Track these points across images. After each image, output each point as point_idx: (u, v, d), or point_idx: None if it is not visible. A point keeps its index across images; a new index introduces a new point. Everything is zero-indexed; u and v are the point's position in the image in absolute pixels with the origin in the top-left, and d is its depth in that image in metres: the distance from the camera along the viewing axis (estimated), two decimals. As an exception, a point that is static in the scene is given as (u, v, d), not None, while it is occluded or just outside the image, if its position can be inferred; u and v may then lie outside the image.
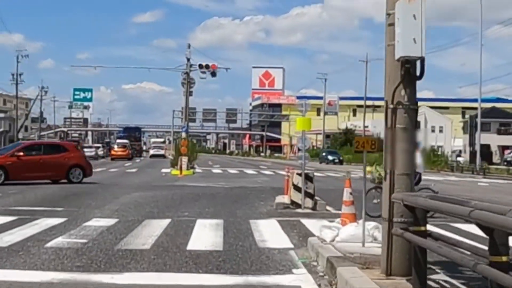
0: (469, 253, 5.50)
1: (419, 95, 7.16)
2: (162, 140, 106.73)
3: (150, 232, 11.13)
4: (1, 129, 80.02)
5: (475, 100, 68.90)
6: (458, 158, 65.36)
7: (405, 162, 6.77)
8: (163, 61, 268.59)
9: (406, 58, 6.63)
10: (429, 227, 6.47)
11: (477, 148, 51.25)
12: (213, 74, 40.43)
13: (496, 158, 70.72)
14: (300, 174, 15.31)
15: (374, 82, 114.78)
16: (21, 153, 23.93)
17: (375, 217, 10.56)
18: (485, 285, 4.95)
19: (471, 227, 11.57)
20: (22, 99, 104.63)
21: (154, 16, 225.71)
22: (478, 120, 50.12)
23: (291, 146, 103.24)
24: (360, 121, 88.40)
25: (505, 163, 60.25)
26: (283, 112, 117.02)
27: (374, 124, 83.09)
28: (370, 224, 8.97)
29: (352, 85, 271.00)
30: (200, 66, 40.13)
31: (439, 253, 5.43)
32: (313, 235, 10.91)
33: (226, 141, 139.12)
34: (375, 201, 13.34)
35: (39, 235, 10.51)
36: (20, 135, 79.58)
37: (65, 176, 24.30)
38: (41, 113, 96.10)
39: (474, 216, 4.46)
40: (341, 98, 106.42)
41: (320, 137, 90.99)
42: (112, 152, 68.05)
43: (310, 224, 12.64)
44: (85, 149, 66.27)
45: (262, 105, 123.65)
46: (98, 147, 78.00)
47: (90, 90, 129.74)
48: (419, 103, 7.14)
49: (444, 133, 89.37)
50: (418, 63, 6.82)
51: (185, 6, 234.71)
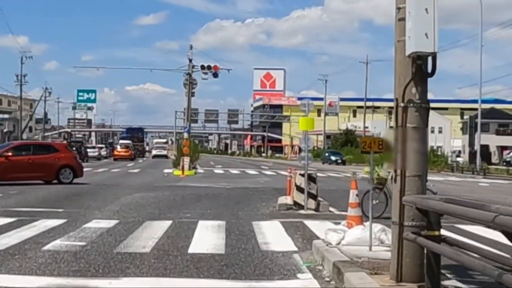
0: (479, 258, 5.11)
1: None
2: (164, 140, 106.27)
3: (151, 234, 10.73)
4: (5, 130, 79.65)
5: (474, 101, 68.53)
6: (457, 159, 64.95)
7: (417, 163, 6.34)
8: (166, 62, 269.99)
9: (417, 54, 6.20)
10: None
11: (477, 148, 50.82)
12: (215, 75, 40.07)
13: (494, 159, 70.39)
14: (303, 175, 14.90)
15: (374, 83, 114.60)
16: (10, 153, 23.17)
17: (374, 218, 10.20)
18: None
19: (479, 229, 11.22)
20: (26, 100, 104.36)
21: (157, 19, 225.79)
22: (478, 120, 49.70)
23: (292, 146, 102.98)
24: (360, 122, 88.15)
25: (504, 164, 59.93)
26: (284, 113, 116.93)
27: (374, 124, 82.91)
28: (377, 227, 8.56)
29: (352, 86, 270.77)
30: (202, 67, 39.82)
31: (457, 261, 5.01)
32: (317, 237, 10.52)
33: (228, 141, 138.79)
34: (373, 202, 12.90)
35: (37, 238, 10.11)
36: (25, 136, 79.24)
37: (55, 176, 23.40)
38: (45, 114, 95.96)
39: (500, 222, 4.01)
40: (342, 99, 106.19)
41: (321, 137, 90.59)
42: (115, 153, 67.66)
43: (314, 225, 12.25)
44: (89, 150, 66.32)
45: (263, 106, 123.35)
46: (101, 148, 77.91)
47: (94, 92, 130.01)
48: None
49: (444, 134, 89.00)
50: (429, 59, 6.41)
51: (188, 8, 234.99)
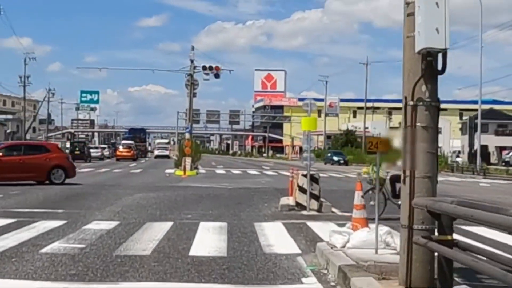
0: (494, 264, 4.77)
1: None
2: (166, 141, 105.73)
3: (151, 236, 10.39)
4: (9, 130, 79.34)
5: (472, 102, 68.20)
6: (457, 159, 64.60)
7: (426, 163, 6.00)
8: (168, 64, 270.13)
9: (428, 50, 5.86)
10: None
11: (478, 149, 50.47)
12: (217, 75, 39.73)
13: (493, 159, 70.01)
14: (305, 175, 14.56)
15: (373, 84, 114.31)
16: (0, 154, 22.62)
17: (372, 219, 9.89)
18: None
19: (483, 230, 10.89)
20: (30, 101, 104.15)
21: (159, 20, 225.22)
22: (478, 121, 49.35)
23: (293, 147, 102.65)
24: (360, 122, 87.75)
25: (503, 164, 59.59)
26: (285, 114, 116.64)
27: (374, 125, 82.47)
28: (383, 229, 8.24)
29: (351, 87, 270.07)
30: (204, 67, 39.49)
31: (475, 269, 4.67)
32: (320, 239, 10.20)
33: (229, 142, 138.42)
34: (371, 202, 12.50)
35: (35, 240, 9.77)
36: (28, 136, 78.96)
37: (46, 177, 22.75)
38: (49, 114, 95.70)
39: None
40: (342, 100, 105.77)
41: (321, 138, 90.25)
42: (117, 153, 67.32)
43: (317, 227, 11.91)
44: (91, 150, 66.03)
45: (264, 107, 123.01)
46: (104, 148, 77.69)
47: (97, 93, 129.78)
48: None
49: (443, 134, 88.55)
50: (439, 56, 6.07)
51: (190, 10, 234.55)
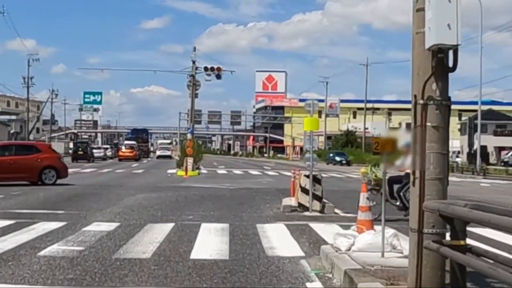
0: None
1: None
2: (169, 141, 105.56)
3: (152, 238, 10.07)
4: (12, 131, 79.06)
5: (471, 103, 67.86)
6: (456, 159, 64.27)
7: (437, 165, 5.68)
8: (170, 65, 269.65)
9: (439, 47, 5.54)
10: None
11: (478, 149, 50.14)
12: (218, 76, 39.41)
13: (492, 159, 69.64)
14: (307, 176, 14.24)
15: (373, 85, 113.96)
16: None
17: (377, 220, 9.61)
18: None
19: (487, 231, 10.57)
20: (34, 102, 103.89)
21: (162, 22, 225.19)
22: (478, 121, 49.01)
23: (294, 147, 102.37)
24: (360, 123, 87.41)
25: (502, 164, 59.26)
26: (286, 114, 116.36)
27: (373, 125, 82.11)
28: (389, 232, 7.93)
29: (351, 88, 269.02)
30: (206, 68, 39.20)
31: (492, 277, 4.35)
32: (323, 241, 9.89)
33: (231, 142, 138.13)
34: (371, 203, 12.20)
35: (33, 242, 9.46)
36: (31, 137, 78.68)
37: (37, 177, 22.32)
38: (52, 115, 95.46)
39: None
40: (342, 101, 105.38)
41: (322, 138, 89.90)
42: (120, 153, 67.00)
43: (319, 228, 11.59)
44: (94, 150, 65.77)
45: (265, 107, 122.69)
46: (107, 148, 77.47)
47: (100, 94, 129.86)
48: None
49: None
50: (450, 53, 5.75)
51: (191, 13, 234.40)
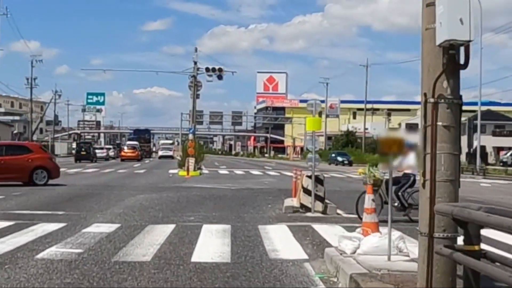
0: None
1: (416, 98, 5.82)
2: (170, 141, 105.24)
3: (153, 240, 9.76)
4: (16, 131, 78.77)
5: (470, 103, 67.30)
6: (455, 159, 63.82)
7: (448, 166, 5.38)
8: (172, 66, 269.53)
9: (450, 43, 5.23)
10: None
11: (478, 149, 49.80)
12: (220, 77, 39.04)
13: (491, 159, 69.28)
14: (310, 177, 13.94)
15: (372, 86, 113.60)
16: None
17: (384, 222, 9.30)
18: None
19: (492, 232, 10.26)
20: (37, 103, 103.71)
21: (164, 24, 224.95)
22: (478, 122, 48.66)
23: (294, 147, 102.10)
24: (360, 124, 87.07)
25: (501, 164, 58.86)
26: (286, 115, 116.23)
27: (373, 126, 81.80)
28: (395, 234, 7.63)
29: (350, 89, 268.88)
30: (207, 69, 38.83)
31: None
32: (326, 242, 9.60)
33: (232, 142, 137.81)
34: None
35: (32, 244, 9.15)
36: (35, 137, 78.43)
37: (28, 178, 21.83)
38: (55, 116, 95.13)
39: None
40: (342, 102, 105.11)
41: (322, 138, 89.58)
42: (122, 153, 66.61)
43: (322, 229, 11.29)
44: (97, 151, 65.44)
45: (266, 108, 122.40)
46: (109, 149, 77.12)
47: (103, 94, 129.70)
48: (417, 107, 5.81)
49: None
50: (461, 49, 5.45)
51: (193, 14, 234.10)
